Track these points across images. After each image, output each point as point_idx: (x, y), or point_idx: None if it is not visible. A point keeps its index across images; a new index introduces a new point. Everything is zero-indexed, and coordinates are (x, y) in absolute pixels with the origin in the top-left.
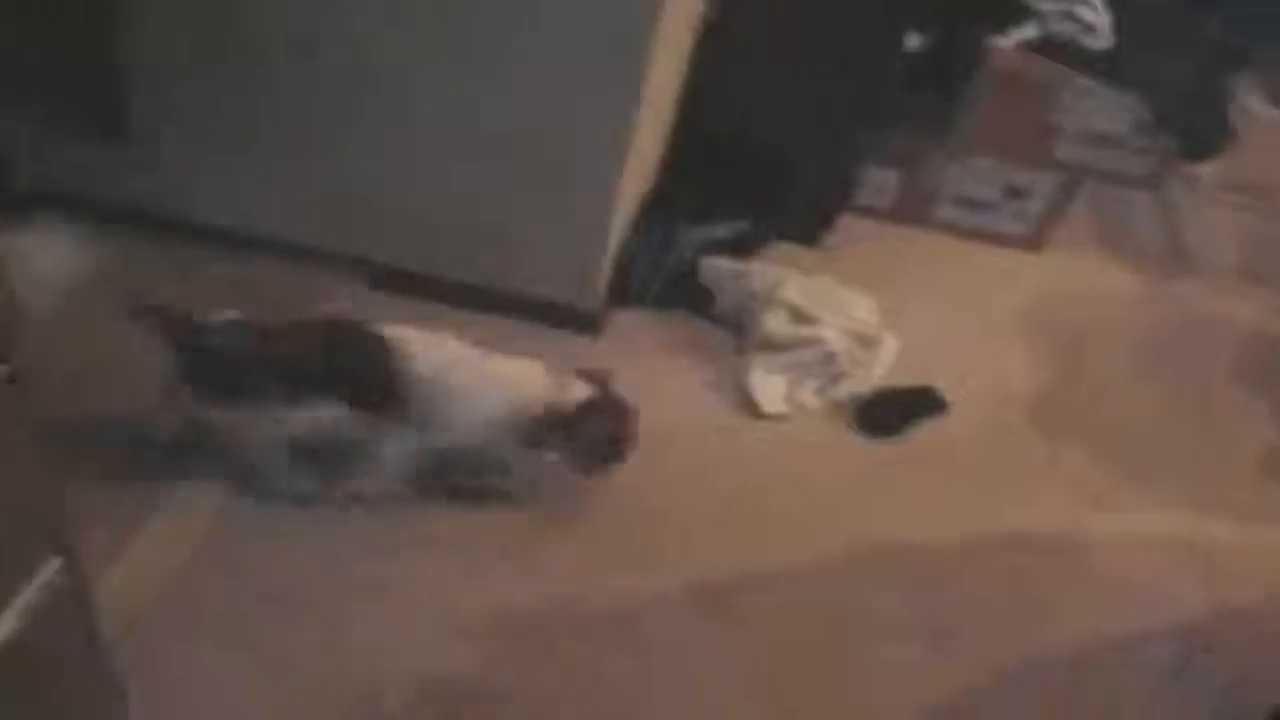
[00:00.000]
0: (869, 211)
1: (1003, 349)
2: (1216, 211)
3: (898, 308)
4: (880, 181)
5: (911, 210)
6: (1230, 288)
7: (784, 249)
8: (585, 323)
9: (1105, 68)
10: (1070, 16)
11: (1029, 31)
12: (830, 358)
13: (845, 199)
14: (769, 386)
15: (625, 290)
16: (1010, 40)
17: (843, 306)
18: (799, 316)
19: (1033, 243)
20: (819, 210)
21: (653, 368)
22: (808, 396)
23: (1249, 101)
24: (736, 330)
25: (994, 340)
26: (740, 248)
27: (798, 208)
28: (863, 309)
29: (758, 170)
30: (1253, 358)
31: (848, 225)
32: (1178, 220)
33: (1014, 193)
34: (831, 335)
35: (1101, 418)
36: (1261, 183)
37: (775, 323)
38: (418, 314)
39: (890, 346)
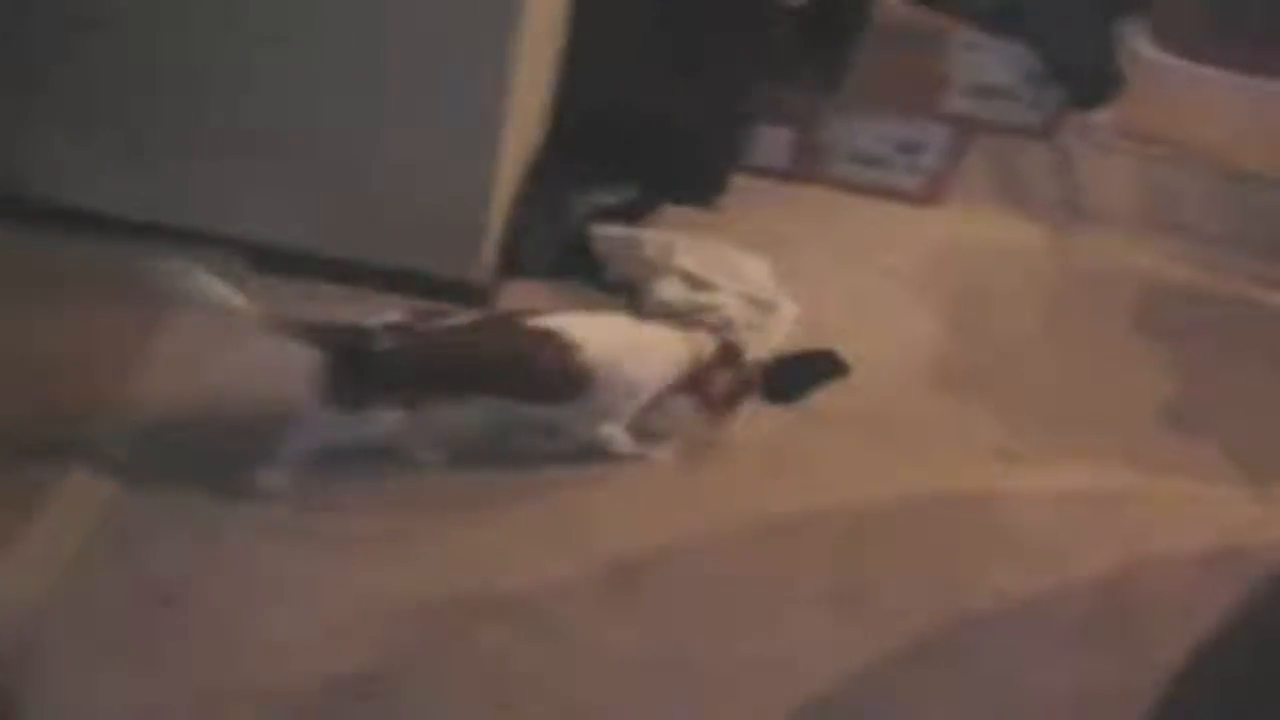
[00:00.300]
0: (763, 171)
1: (904, 307)
2: (1112, 159)
3: (795, 270)
4: (772, 140)
5: (805, 168)
6: (1128, 237)
7: (677, 213)
8: (475, 295)
9: (994, 18)
10: None
11: None
12: (728, 324)
13: (735, 160)
14: None
15: (516, 261)
16: None
17: (738, 271)
18: (694, 283)
19: (929, 197)
20: (709, 172)
21: None
22: None
23: (1138, 44)
24: (631, 299)
25: (894, 299)
26: (631, 214)
27: (687, 171)
28: (759, 273)
29: (643, 134)
30: (1153, 307)
31: (741, 186)
32: (1073, 170)
33: (907, 147)
34: (728, 301)
35: (1006, 374)
36: (1154, 127)
37: (670, 291)
38: (303, 293)
39: (788, 310)
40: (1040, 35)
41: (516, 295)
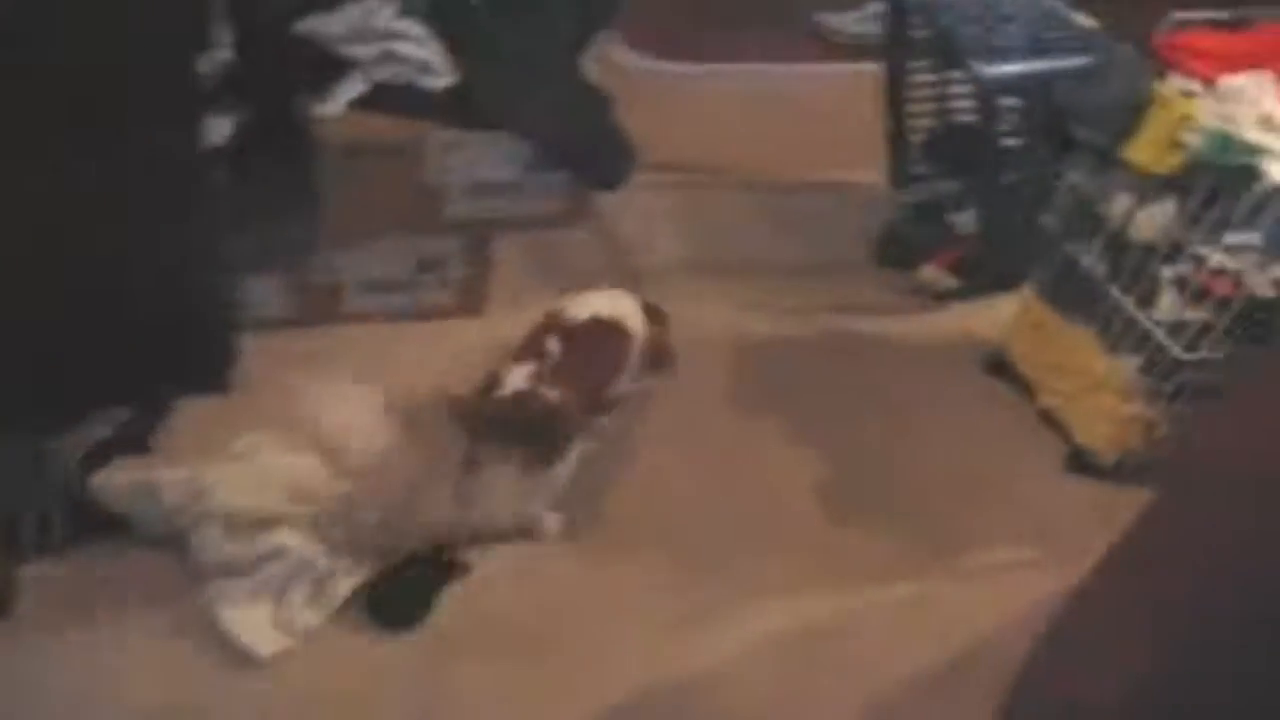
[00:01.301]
0: (271, 326)
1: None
2: (655, 221)
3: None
4: (272, 293)
5: (319, 311)
6: (691, 288)
7: (193, 424)
8: None
9: (458, 108)
10: (394, 58)
11: (355, 87)
12: (305, 564)
13: (229, 331)
14: (250, 621)
15: (17, 545)
16: (338, 103)
17: (296, 478)
18: (246, 521)
19: (470, 308)
20: (205, 357)
21: (87, 627)
22: (300, 615)
23: (616, 54)
24: (180, 550)
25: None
26: (135, 442)
27: (176, 368)
28: (317, 474)
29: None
30: (752, 376)
31: (256, 352)
32: (614, 229)
33: (425, 264)
34: (294, 539)
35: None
36: (677, 149)
37: (217, 543)
38: None
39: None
40: (519, 122)
41: (37, 587)
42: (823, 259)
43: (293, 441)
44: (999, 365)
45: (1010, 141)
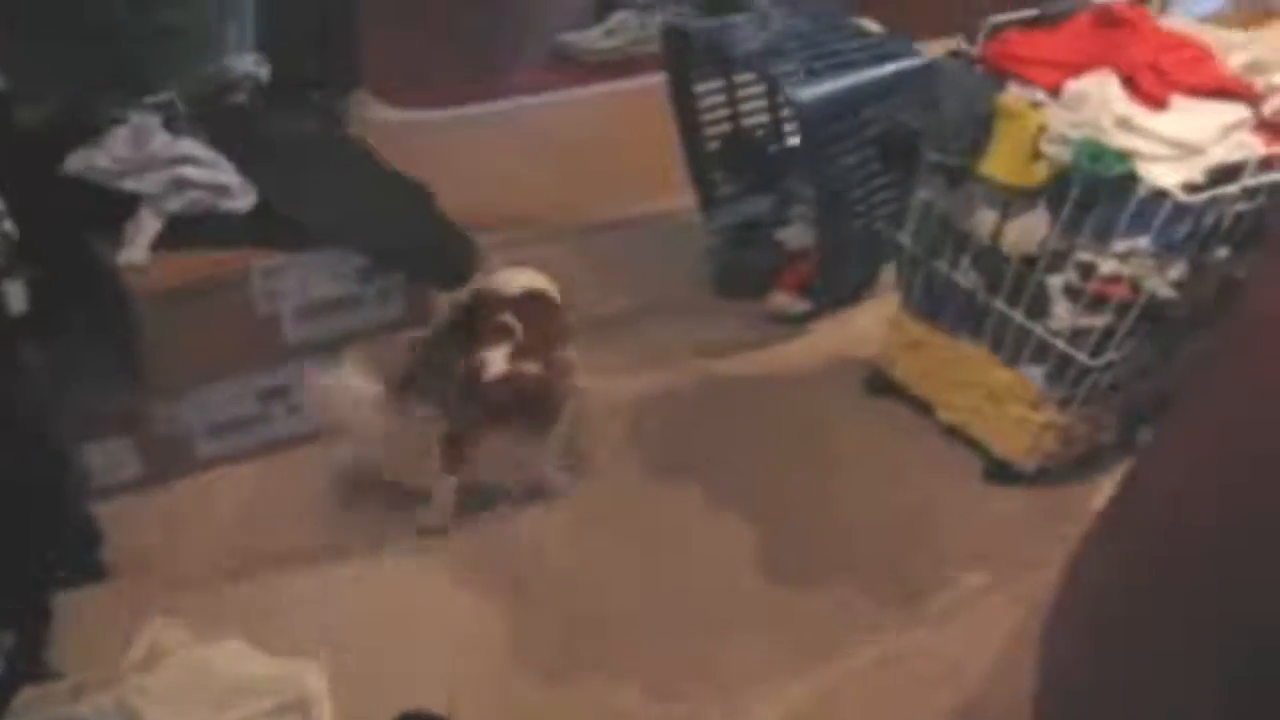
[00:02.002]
0: (124, 490)
1: None
2: None
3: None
4: (116, 456)
5: (170, 465)
6: None
7: (81, 627)
8: None
9: (270, 229)
10: (185, 185)
11: (151, 225)
12: None
13: (82, 511)
14: None
15: None
16: (140, 246)
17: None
18: None
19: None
20: (63, 550)
21: None
22: None
23: (365, 110)
24: None
25: None
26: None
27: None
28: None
29: None
30: (636, 437)
31: (115, 522)
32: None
33: (271, 394)
34: None
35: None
36: (465, 207)
37: None
38: None
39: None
40: (343, 239)
41: None
42: (663, 301)
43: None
44: (883, 384)
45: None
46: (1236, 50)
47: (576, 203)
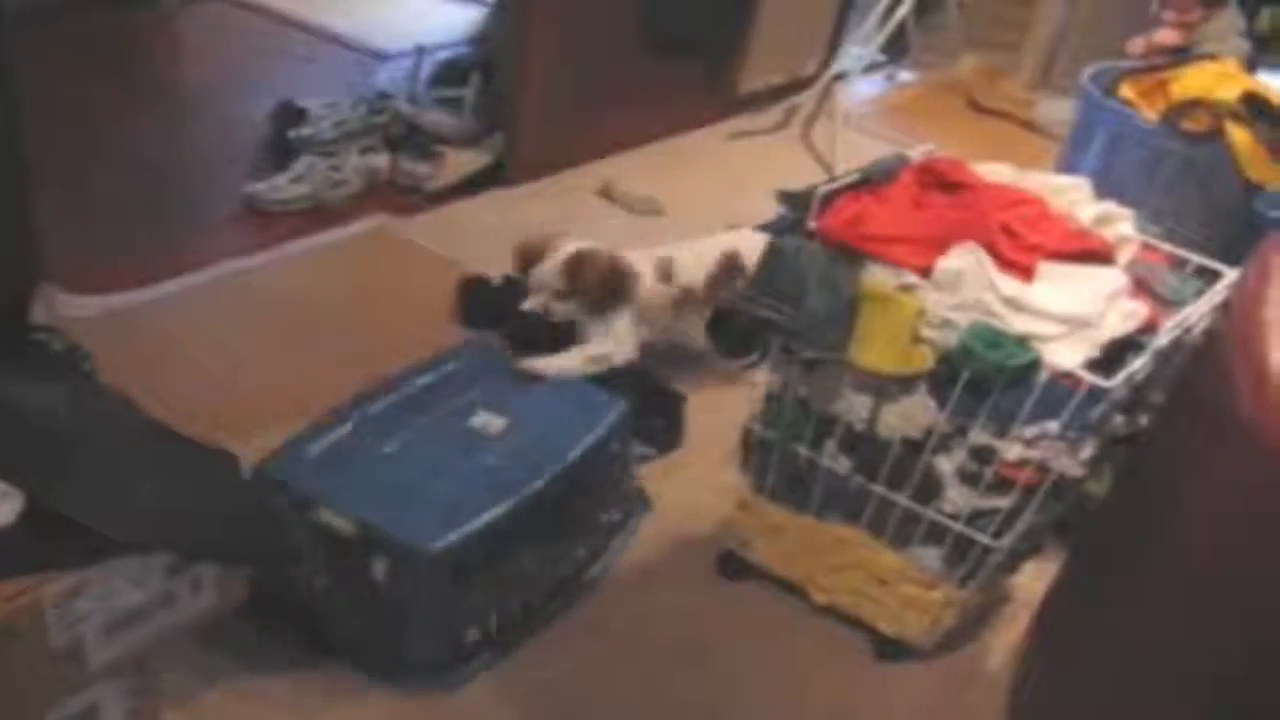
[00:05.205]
0: None
1: None
2: None
3: None
4: None
5: None
6: None
7: None
8: None
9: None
10: None
11: None
12: None
13: None
14: None
15: None
16: None
17: None
18: None
19: None
20: None
21: None
22: None
23: (63, 307)
24: None
25: None
26: None
27: None
28: None
29: None
30: None
31: None
32: None
33: None
34: None
35: None
36: (220, 408)
37: None
38: None
39: None
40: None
41: None
42: None
43: None
44: (734, 563)
45: None
46: (1074, 198)
47: (319, 379)
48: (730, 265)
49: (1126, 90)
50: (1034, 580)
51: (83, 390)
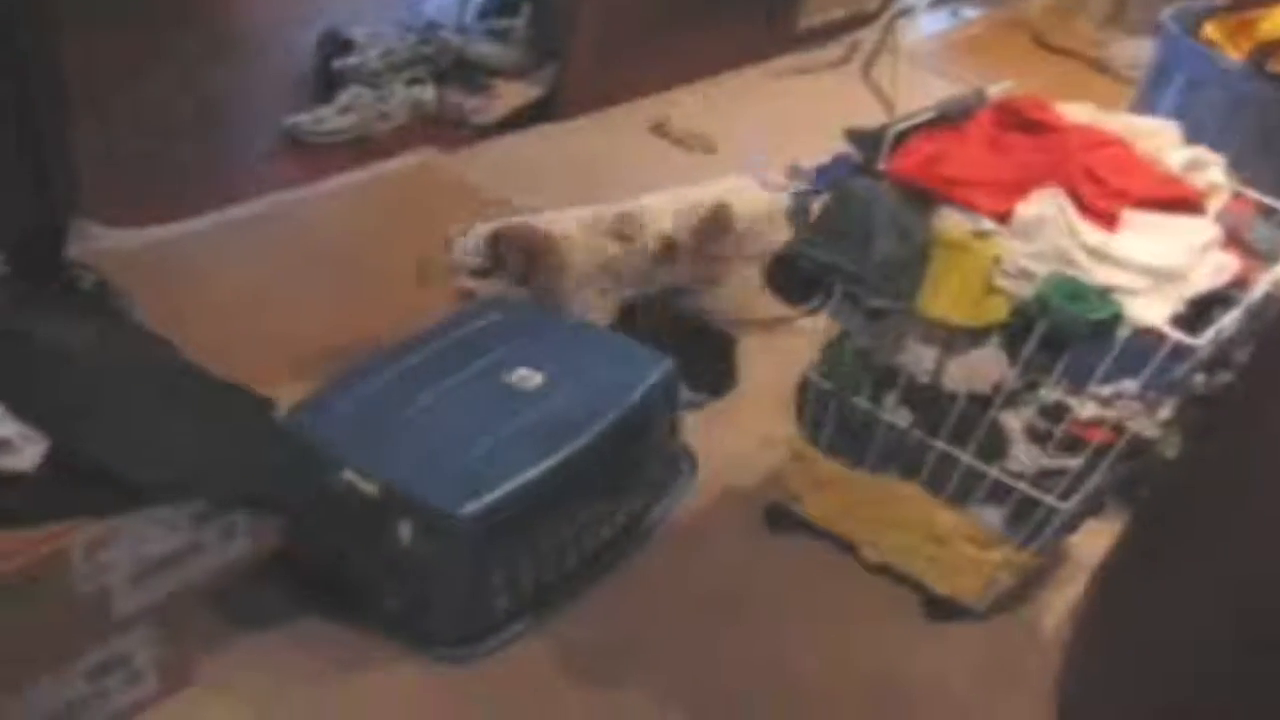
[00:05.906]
0: None
1: None
2: None
3: None
4: None
5: None
6: None
7: None
8: None
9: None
10: None
11: None
12: None
13: None
14: None
15: None
16: None
17: None
18: None
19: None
20: None
21: None
22: None
23: (94, 238)
24: None
25: None
26: None
27: None
28: None
29: None
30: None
31: None
32: None
33: (105, 669)
34: None
35: None
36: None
37: None
38: None
39: None
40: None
41: None
42: None
43: None
44: (782, 517)
45: None
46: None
47: (356, 324)
48: (720, 216)
49: (1210, 30)
50: (1093, 539)
51: (112, 329)
